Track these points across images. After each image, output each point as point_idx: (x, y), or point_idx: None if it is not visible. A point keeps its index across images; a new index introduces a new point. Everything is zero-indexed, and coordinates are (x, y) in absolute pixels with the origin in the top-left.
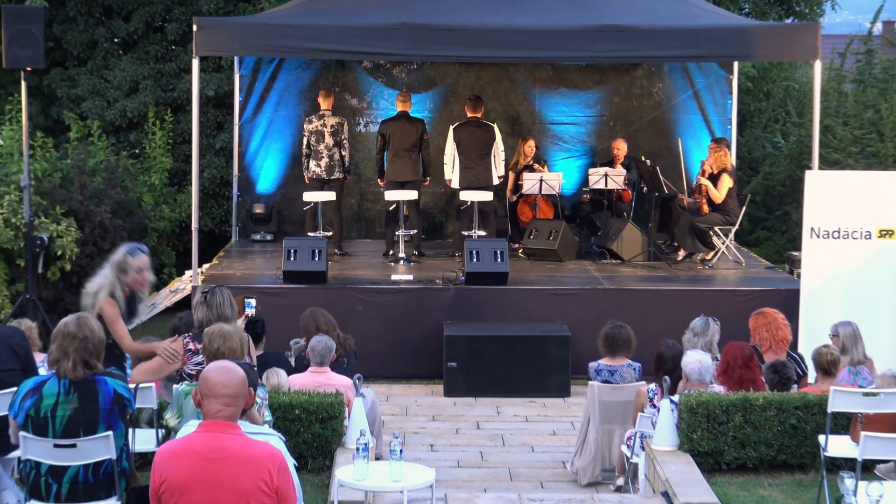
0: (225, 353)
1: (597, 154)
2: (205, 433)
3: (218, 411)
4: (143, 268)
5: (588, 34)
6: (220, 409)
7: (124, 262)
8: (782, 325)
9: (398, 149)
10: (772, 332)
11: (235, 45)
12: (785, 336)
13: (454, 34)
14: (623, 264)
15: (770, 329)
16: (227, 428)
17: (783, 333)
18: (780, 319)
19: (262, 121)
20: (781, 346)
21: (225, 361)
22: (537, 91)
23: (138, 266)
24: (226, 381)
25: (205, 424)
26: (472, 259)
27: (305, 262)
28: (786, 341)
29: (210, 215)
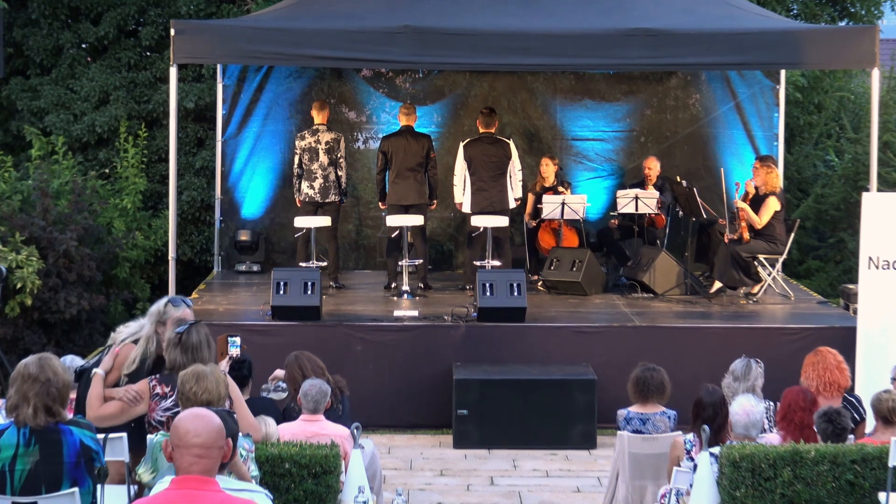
0: (200, 398)
1: (626, 174)
2: (178, 490)
3: (191, 464)
4: (184, 321)
5: (616, 39)
6: (193, 462)
7: (164, 313)
8: (833, 368)
9: (401, 168)
10: (818, 372)
11: (218, 52)
12: (835, 380)
13: (464, 39)
14: (656, 298)
15: (817, 369)
16: (204, 484)
17: (833, 377)
18: (831, 360)
19: (248, 136)
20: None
21: (198, 408)
22: (558, 103)
23: (179, 317)
24: (197, 429)
25: (178, 480)
26: (486, 293)
27: (297, 297)
28: (836, 386)
29: (189, 243)
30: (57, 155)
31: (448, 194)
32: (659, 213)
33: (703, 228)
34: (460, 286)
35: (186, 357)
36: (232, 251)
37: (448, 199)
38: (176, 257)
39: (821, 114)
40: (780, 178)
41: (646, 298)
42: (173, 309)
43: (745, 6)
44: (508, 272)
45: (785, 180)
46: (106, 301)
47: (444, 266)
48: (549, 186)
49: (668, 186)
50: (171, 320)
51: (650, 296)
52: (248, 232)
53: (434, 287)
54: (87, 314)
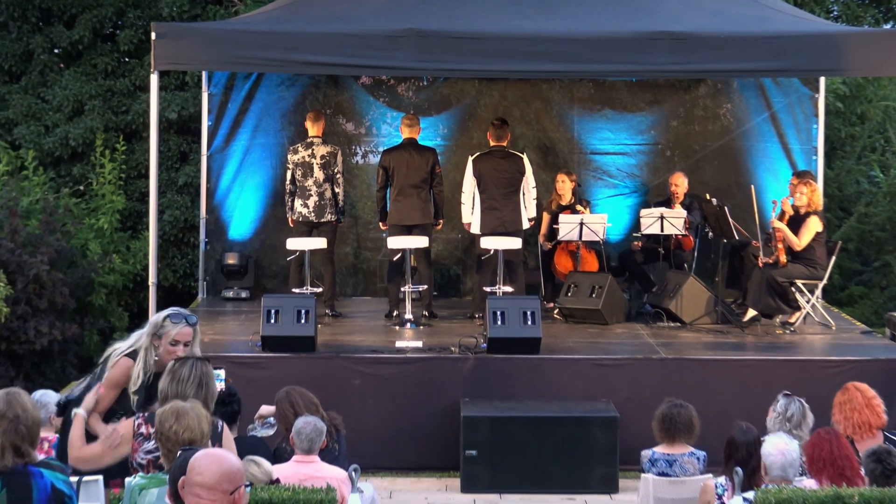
0: (181, 437)
1: (650, 191)
2: None
3: None
4: (179, 341)
5: (639, 43)
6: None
7: (160, 327)
8: (862, 407)
9: (404, 185)
10: (846, 413)
11: (203, 57)
12: (865, 420)
13: (473, 43)
14: (684, 328)
15: (844, 410)
16: None
17: (862, 417)
18: (860, 399)
19: (235, 150)
20: (862, 432)
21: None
22: (576, 113)
23: (174, 337)
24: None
25: None
26: (496, 321)
27: (289, 326)
28: (867, 426)
29: (171, 267)
30: (27, 170)
31: (455, 213)
32: (686, 234)
33: (736, 251)
34: (468, 314)
35: (170, 389)
36: (218, 276)
37: (455, 218)
38: (157, 283)
39: (864, 125)
40: (821, 196)
41: (672, 328)
42: (171, 326)
43: (780, 7)
44: (521, 299)
45: (825, 198)
46: (80, 331)
47: (450, 292)
48: (566, 205)
49: (696, 205)
50: (167, 336)
51: (677, 325)
52: (236, 255)
53: (440, 315)
54: (60, 345)
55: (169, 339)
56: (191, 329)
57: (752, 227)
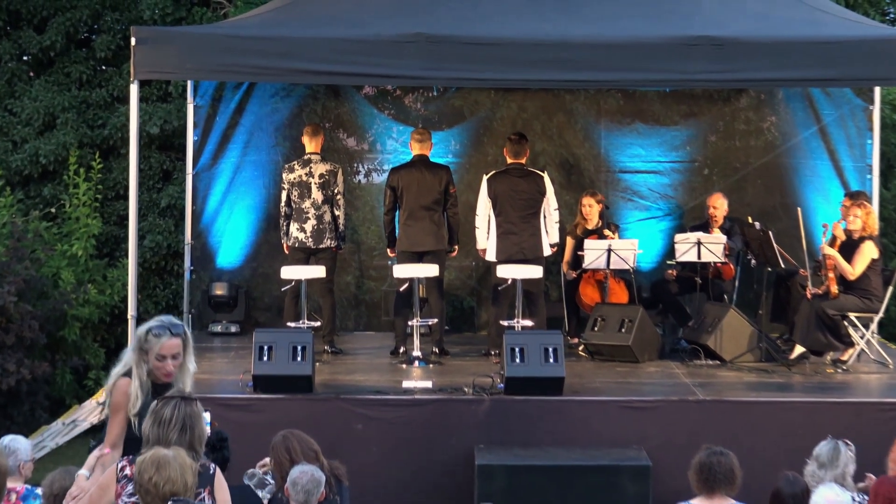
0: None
1: (686, 214)
2: None
3: None
4: (165, 355)
5: (674, 49)
6: None
7: (144, 342)
8: None
9: (414, 207)
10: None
11: (188, 65)
12: None
13: (489, 49)
14: (724, 366)
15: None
16: None
17: None
18: None
19: (224, 168)
20: None
21: None
22: (603, 127)
23: (159, 351)
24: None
25: None
26: (515, 359)
27: (284, 364)
28: None
29: (153, 298)
30: None
31: (469, 239)
32: (726, 261)
33: (781, 280)
34: (484, 351)
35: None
36: (205, 308)
37: (469, 244)
38: (137, 316)
39: None
40: (876, 219)
41: (711, 366)
42: (154, 339)
43: (831, 9)
44: (542, 334)
45: (881, 221)
46: (51, 369)
47: (463, 327)
48: (592, 229)
49: (737, 229)
50: (151, 351)
51: (716, 363)
52: (225, 285)
53: (452, 352)
54: (29, 385)
55: (154, 353)
56: (177, 340)
57: (800, 254)
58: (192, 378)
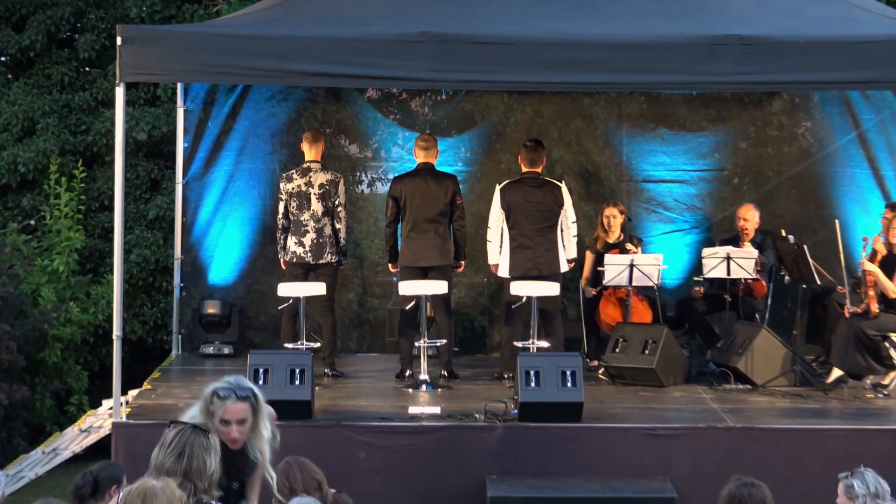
0: None
1: (714, 227)
2: None
3: None
4: (230, 420)
5: (700, 49)
6: None
7: (210, 403)
8: None
9: (419, 219)
10: None
11: (178, 67)
12: None
13: (501, 49)
14: (755, 391)
15: None
16: None
17: None
18: None
19: (217, 177)
20: None
21: None
22: (625, 133)
23: (223, 416)
24: None
25: None
26: (530, 383)
27: (281, 388)
28: None
29: (140, 318)
30: None
31: (479, 253)
32: (758, 278)
33: (817, 298)
34: (496, 374)
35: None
36: (196, 328)
37: (480, 259)
38: (122, 336)
39: None
40: None
41: (741, 391)
42: (219, 402)
43: (869, 6)
44: (559, 356)
45: None
46: (30, 393)
47: (474, 348)
48: (613, 243)
49: (769, 243)
50: (216, 414)
51: (747, 387)
52: (217, 303)
53: (462, 376)
54: (6, 411)
55: (218, 417)
56: (244, 405)
57: (837, 270)
58: (268, 444)
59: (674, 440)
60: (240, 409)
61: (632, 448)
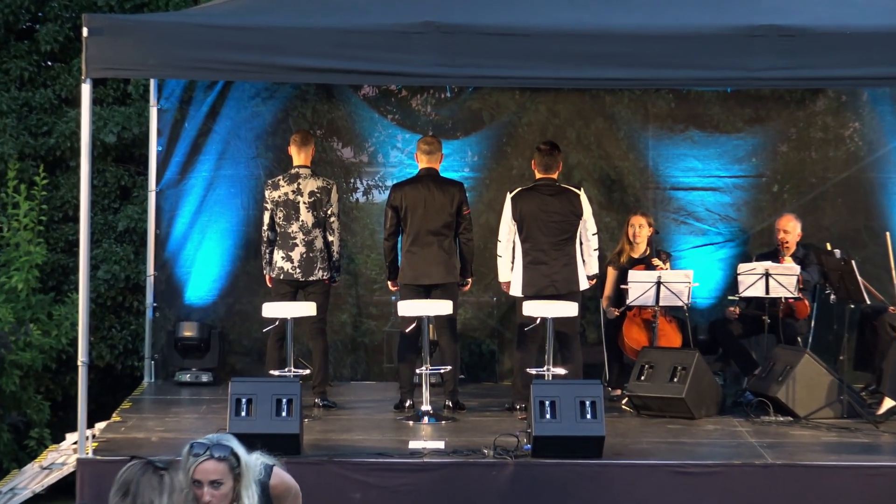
0: None
1: (751, 240)
2: None
3: None
4: (202, 480)
5: (736, 41)
6: None
7: (186, 459)
8: None
9: (421, 231)
10: None
11: (151, 61)
12: None
13: (513, 42)
14: (797, 423)
15: None
16: None
17: None
18: None
19: (194, 184)
20: None
21: None
22: (651, 135)
23: (194, 475)
24: None
25: None
26: (545, 415)
27: (266, 420)
28: None
29: (108, 341)
30: None
31: (490, 269)
32: (800, 297)
33: (867, 320)
34: (507, 405)
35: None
36: (170, 353)
37: (490, 276)
38: (88, 362)
39: None
40: None
41: (782, 423)
42: (192, 459)
43: None
44: (578, 384)
45: None
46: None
47: (482, 375)
48: (638, 258)
49: (813, 258)
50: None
51: (788, 419)
52: (195, 325)
53: (468, 406)
54: None
55: (190, 476)
56: (219, 465)
57: (889, 288)
58: None
59: (706, 479)
60: (213, 470)
61: (659, 487)
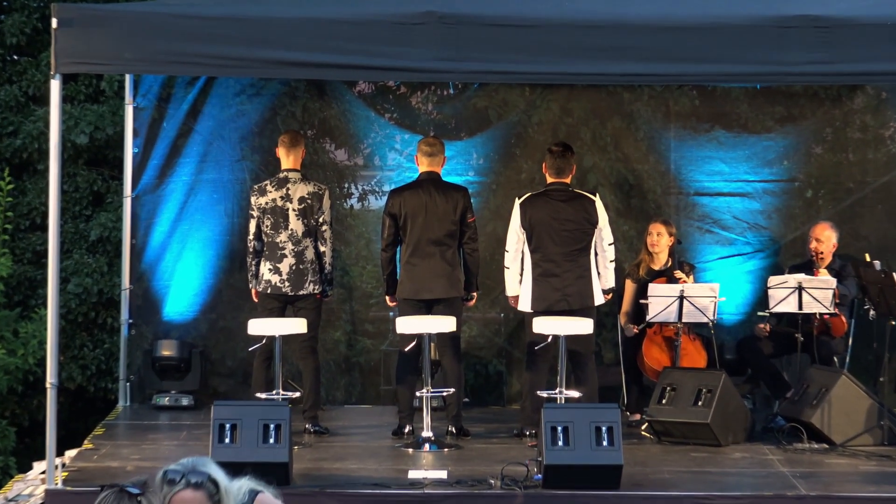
0: None
1: (783, 250)
2: None
3: None
4: None
5: (767, 33)
6: None
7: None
8: None
9: (422, 241)
10: None
11: (127, 55)
12: None
13: (522, 34)
14: (833, 451)
15: None
16: None
17: None
18: None
19: (174, 190)
20: None
21: None
22: (673, 135)
23: None
24: None
25: None
26: (557, 441)
27: (251, 447)
28: None
29: (79, 361)
30: None
31: (496, 283)
32: (837, 312)
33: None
34: (516, 431)
35: None
36: (148, 374)
37: (497, 290)
38: (58, 384)
39: None
40: None
41: (816, 451)
42: (167, 488)
43: None
44: (593, 409)
45: None
46: None
47: (489, 398)
48: (659, 270)
49: (850, 270)
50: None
51: (823, 447)
52: (174, 343)
53: (473, 432)
54: None
55: None
56: (195, 494)
57: None
58: None
59: None
60: (190, 499)
61: None
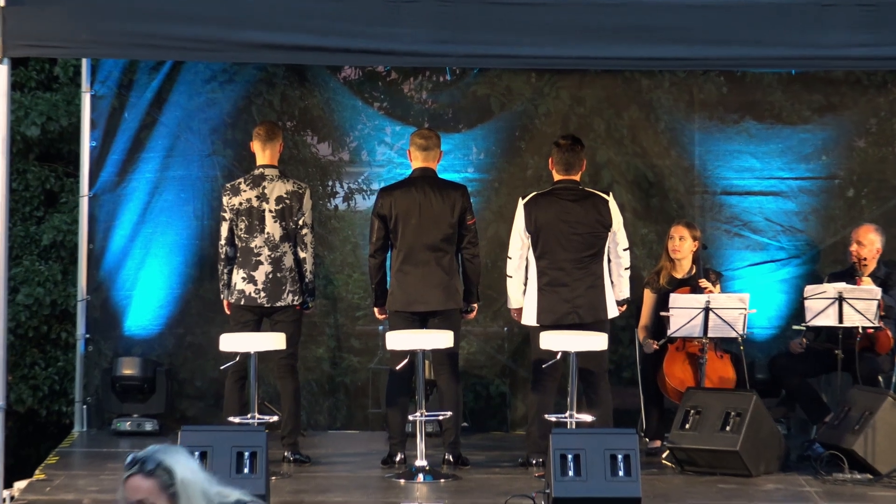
0: None
1: (822, 256)
2: None
3: None
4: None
5: (804, 11)
6: None
7: None
8: None
9: (416, 246)
10: None
11: (83, 36)
12: None
13: (527, 13)
14: (877, 482)
15: None
16: None
17: None
18: None
19: (136, 188)
20: None
21: None
22: (698, 127)
23: (123, 491)
24: None
25: None
26: (567, 471)
27: (223, 478)
28: None
29: (29, 381)
30: None
31: (498, 293)
32: (882, 326)
33: None
34: (521, 459)
35: None
36: (107, 396)
37: (498, 301)
38: (6, 407)
39: None
40: None
41: (859, 482)
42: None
43: None
44: (608, 434)
45: None
46: None
47: (490, 422)
48: (682, 279)
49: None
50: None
51: (866, 477)
52: (137, 361)
53: (473, 461)
54: None
55: (119, 494)
56: (148, 483)
57: None
58: None
59: None
60: (140, 487)
61: None
